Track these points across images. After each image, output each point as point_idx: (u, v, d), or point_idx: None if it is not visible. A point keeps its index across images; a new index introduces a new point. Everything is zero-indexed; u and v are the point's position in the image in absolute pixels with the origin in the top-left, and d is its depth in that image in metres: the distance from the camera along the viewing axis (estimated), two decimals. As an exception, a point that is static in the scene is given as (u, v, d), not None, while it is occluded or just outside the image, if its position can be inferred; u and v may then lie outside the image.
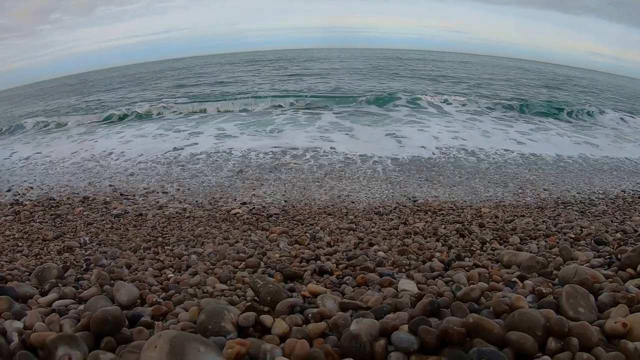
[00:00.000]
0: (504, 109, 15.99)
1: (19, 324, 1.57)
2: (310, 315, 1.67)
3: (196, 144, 10.36)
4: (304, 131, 11.60)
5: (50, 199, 6.24)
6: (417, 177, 7.51)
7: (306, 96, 16.88)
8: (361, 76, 25.36)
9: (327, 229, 4.60)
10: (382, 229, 4.56)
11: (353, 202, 5.93)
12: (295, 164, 8.36)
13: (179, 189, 6.76)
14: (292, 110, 15.17)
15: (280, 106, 15.60)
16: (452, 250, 3.57)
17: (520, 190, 6.73)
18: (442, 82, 24.09)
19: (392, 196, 6.28)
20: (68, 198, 6.31)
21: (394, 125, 12.49)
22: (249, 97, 17.14)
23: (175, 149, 9.83)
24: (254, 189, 6.70)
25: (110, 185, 7.06)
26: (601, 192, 6.77)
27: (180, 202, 6.06)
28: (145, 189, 6.86)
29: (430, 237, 4.15)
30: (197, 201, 6.06)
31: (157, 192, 6.62)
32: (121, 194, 6.50)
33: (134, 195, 6.43)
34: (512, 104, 16.55)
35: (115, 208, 5.73)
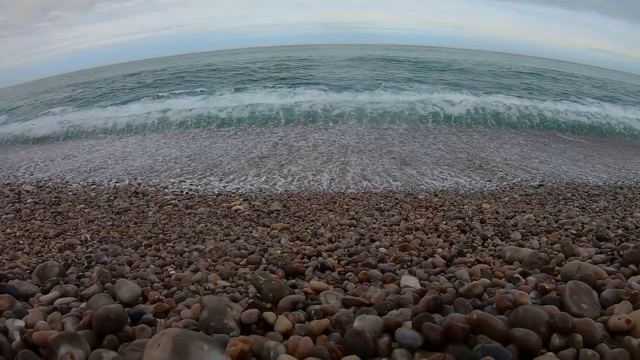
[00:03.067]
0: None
1: (20, 323, 1.56)
2: (313, 311, 1.67)
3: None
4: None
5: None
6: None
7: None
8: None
9: (328, 225, 4.59)
10: (383, 225, 4.56)
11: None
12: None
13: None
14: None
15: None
16: (454, 246, 3.56)
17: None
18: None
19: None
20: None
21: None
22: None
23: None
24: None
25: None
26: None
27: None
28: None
29: (431, 233, 4.15)
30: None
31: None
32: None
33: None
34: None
35: (118, 206, 5.73)
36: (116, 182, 7.28)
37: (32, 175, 8.26)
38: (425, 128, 12.96)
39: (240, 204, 5.61)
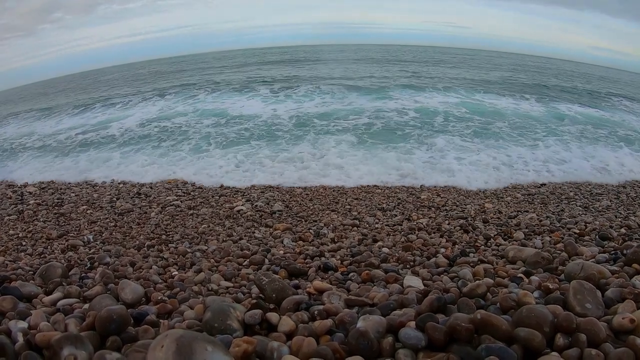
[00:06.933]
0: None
1: (23, 324, 1.56)
2: (316, 312, 1.66)
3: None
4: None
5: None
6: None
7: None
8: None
9: (331, 225, 4.59)
10: (385, 225, 4.55)
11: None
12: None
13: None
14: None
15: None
16: (457, 246, 3.56)
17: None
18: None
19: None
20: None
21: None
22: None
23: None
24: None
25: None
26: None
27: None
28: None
29: (434, 232, 4.14)
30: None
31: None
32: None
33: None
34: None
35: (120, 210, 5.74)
36: (119, 183, 7.29)
37: (33, 176, 8.27)
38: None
39: (242, 205, 5.61)
